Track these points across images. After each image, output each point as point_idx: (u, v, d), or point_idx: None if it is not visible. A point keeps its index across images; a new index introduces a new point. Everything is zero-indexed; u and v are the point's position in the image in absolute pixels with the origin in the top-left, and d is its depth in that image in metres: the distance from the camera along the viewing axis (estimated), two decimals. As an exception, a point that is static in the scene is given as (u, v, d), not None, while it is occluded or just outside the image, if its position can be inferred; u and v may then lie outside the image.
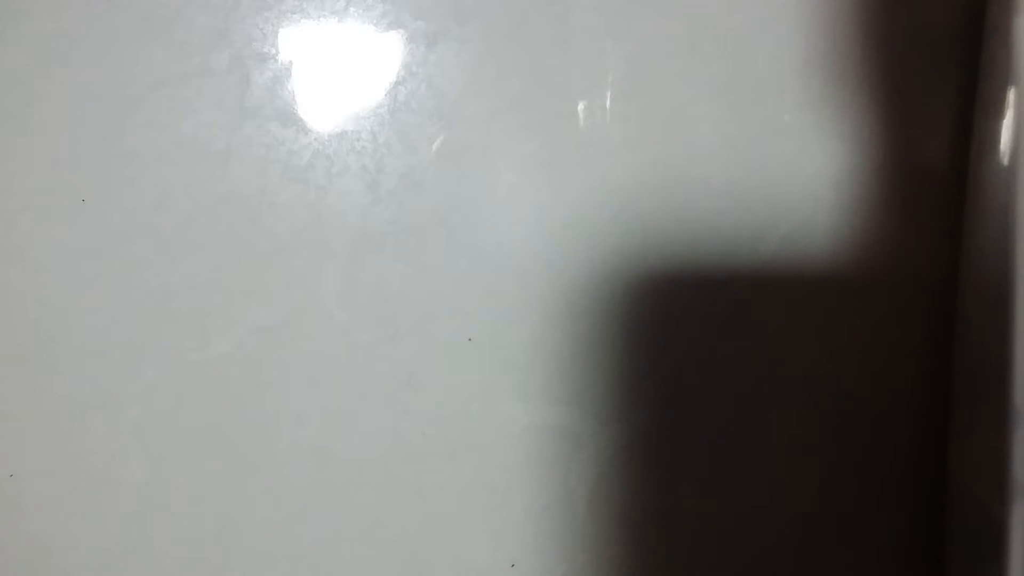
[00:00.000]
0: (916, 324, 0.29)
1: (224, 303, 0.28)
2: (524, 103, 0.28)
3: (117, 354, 0.28)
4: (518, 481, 0.29)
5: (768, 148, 0.28)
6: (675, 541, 0.30)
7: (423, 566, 0.29)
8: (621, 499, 0.29)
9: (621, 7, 0.28)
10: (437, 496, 0.29)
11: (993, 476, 0.25)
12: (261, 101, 0.27)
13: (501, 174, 0.28)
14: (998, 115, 0.26)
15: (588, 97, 0.28)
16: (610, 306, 0.29)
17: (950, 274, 0.29)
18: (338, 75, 0.28)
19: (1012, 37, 0.25)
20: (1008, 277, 0.24)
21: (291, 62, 0.27)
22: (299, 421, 0.28)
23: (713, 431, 0.29)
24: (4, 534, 0.28)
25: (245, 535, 0.29)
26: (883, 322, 0.29)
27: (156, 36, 0.27)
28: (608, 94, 0.28)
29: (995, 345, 0.25)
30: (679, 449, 0.29)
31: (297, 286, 0.28)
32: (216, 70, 0.27)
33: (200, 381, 0.28)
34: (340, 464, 0.29)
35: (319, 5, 0.28)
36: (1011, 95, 0.25)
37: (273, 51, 0.27)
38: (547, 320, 0.29)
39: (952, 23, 0.28)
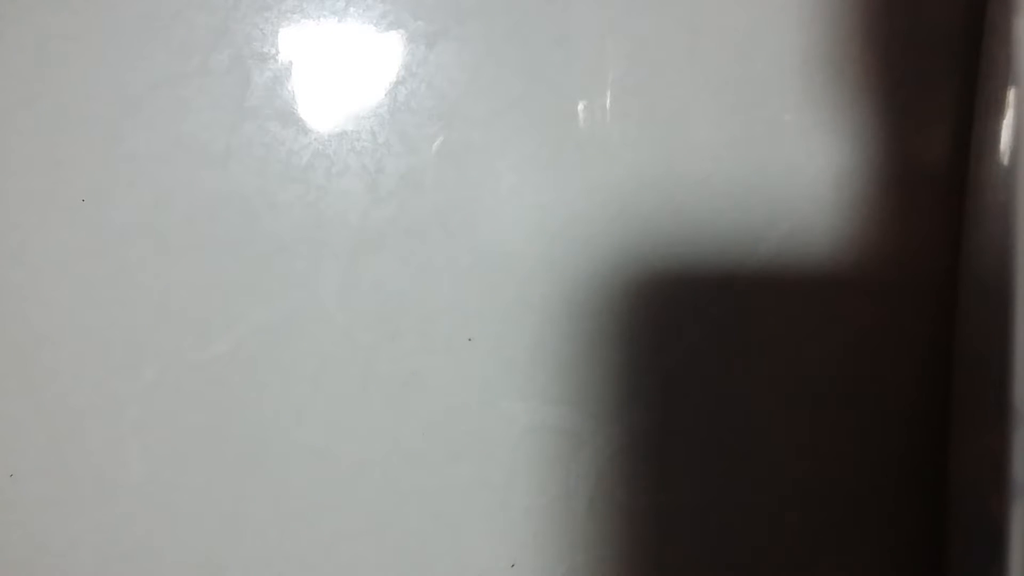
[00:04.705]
0: (916, 324, 0.29)
1: (224, 303, 0.28)
2: (524, 103, 0.28)
3: (117, 354, 0.28)
4: (518, 481, 0.29)
5: (768, 148, 0.28)
6: (675, 541, 0.30)
7: (423, 566, 0.29)
8: (621, 499, 0.29)
9: (621, 6, 0.28)
10: (437, 496, 0.29)
11: (993, 476, 0.25)
12: (261, 101, 0.27)
13: (501, 174, 0.28)
14: (998, 115, 0.26)
15: (588, 97, 0.28)
16: (610, 306, 0.29)
17: (950, 274, 0.29)
18: (338, 75, 0.28)
19: (1012, 37, 0.25)
20: (1008, 277, 0.24)
21: (291, 62, 0.27)
22: (299, 421, 0.28)
23: (713, 431, 0.29)
24: (4, 534, 0.28)
25: (245, 535, 0.29)
26: (883, 322, 0.29)
27: (156, 36, 0.27)
28: (608, 94, 0.28)
29: (995, 345, 0.25)
30: (679, 449, 0.29)
31: (297, 286, 0.28)
32: (216, 70, 0.27)
33: (200, 381, 0.28)
34: (340, 464, 0.29)
35: (319, 5, 0.28)
36: (1011, 95, 0.25)
37: (273, 51, 0.27)
38: (547, 320, 0.29)
39: (952, 23, 0.28)
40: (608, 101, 0.28)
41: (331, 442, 0.29)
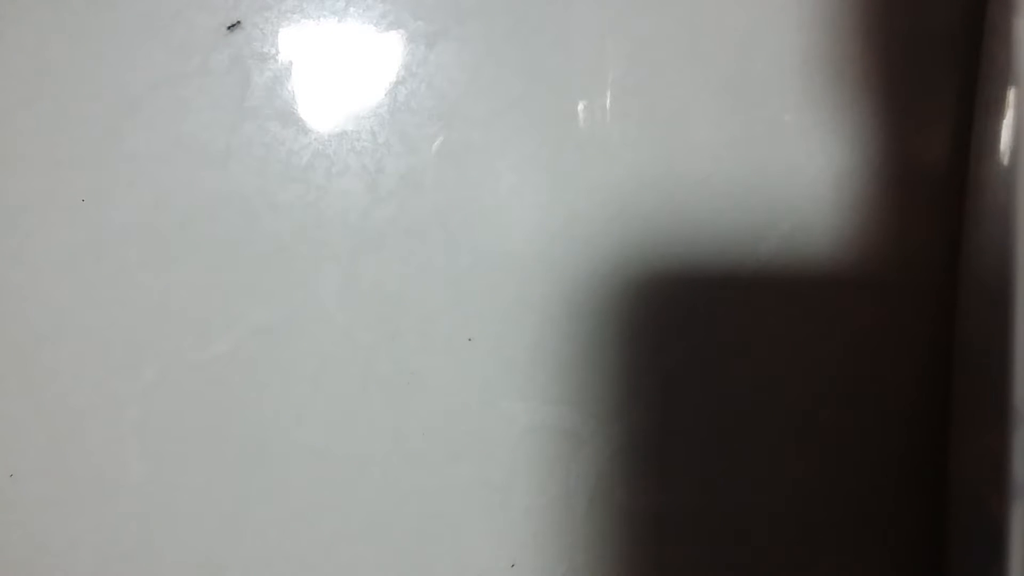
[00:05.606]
0: (916, 324, 0.29)
1: (224, 303, 0.28)
2: (524, 103, 0.28)
3: (117, 354, 0.28)
4: (518, 481, 0.29)
5: (768, 148, 0.28)
6: (675, 541, 0.30)
7: (423, 566, 0.29)
8: (621, 499, 0.29)
9: (621, 6, 0.28)
10: (437, 496, 0.29)
11: (993, 476, 0.25)
12: (261, 101, 0.27)
13: (501, 174, 0.28)
14: (998, 115, 0.26)
15: (588, 97, 0.28)
16: (610, 306, 0.29)
17: (950, 274, 0.29)
18: (338, 75, 0.28)
19: (1012, 37, 0.25)
20: (1008, 277, 0.24)
21: (291, 62, 0.27)
22: (299, 421, 0.28)
23: (713, 431, 0.29)
24: (4, 534, 0.28)
25: (245, 535, 0.29)
26: (883, 322, 0.29)
27: (156, 36, 0.27)
28: (608, 94, 0.28)
29: (995, 345, 0.25)
30: (679, 449, 0.29)
31: (297, 286, 0.28)
32: (216, 70, 0.27)
33: (200, 381, 0.28)
34: (340, 464, 0.29)
35: (319, 5, 0.28)
36: (1011, 95, 0.25)
37: (273, 51, 0.27)
38: (547, 320, 0.29)
39: (952, 23, 0.28)
40: (608, 101, 0.28)
41: (331, 442, 0.29)
